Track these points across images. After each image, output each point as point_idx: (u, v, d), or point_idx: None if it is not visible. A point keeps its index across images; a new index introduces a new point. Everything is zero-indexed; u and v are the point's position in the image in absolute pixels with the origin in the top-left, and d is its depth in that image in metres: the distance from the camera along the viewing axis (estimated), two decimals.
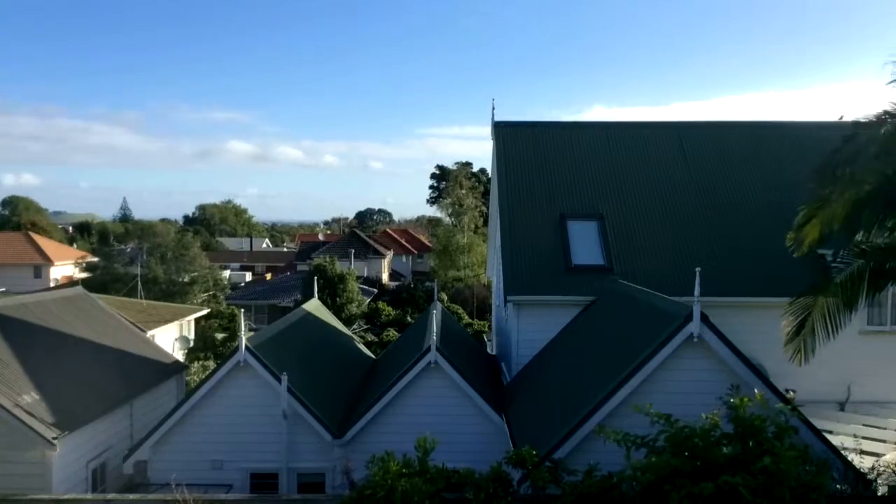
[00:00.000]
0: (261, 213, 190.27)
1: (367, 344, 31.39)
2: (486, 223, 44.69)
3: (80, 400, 15.97)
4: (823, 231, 11.03)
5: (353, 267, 52.48)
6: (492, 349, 25.52)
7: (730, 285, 17.03)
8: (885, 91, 10.71)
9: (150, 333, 25.14)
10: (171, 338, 29.10)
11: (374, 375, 19.72)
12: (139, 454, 15.40)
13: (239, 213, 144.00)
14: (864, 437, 14.27)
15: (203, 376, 19.37)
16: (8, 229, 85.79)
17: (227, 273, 68.38)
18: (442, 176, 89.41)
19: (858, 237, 11.16)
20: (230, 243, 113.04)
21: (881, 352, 17.37)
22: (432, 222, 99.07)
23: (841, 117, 11.47)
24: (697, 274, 11.93)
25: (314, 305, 23.71)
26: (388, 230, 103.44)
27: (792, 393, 10.11)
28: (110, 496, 12.08)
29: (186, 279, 47.01)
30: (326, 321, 23.57)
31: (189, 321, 32.60)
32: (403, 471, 9.36)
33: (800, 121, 22.91)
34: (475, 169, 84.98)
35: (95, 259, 51.97)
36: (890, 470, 10.99)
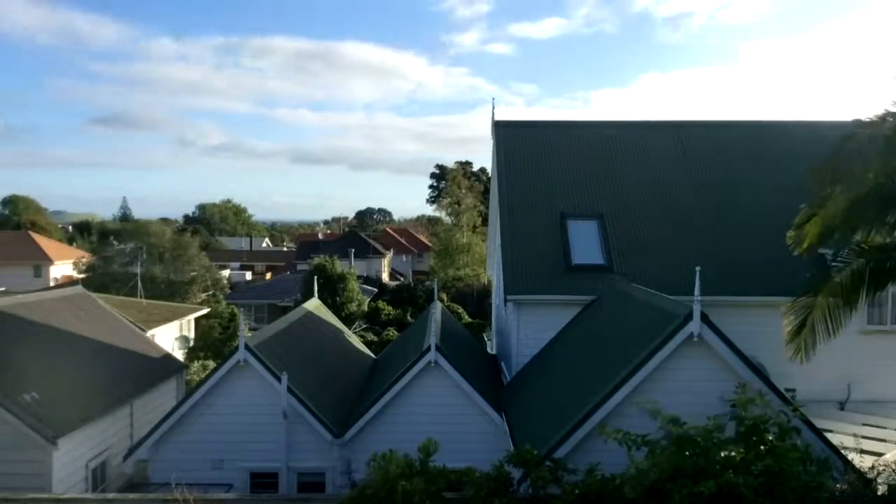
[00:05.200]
0: (261, 212, 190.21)
1: (367, 343, 31.36)
2: (485, 222, 44.66)
3: (80, 400, 15.96)
4: (824, 229, 11.03)
5: (352, 266, 52.49)
6: (492, 349, 25.50)
7: (730, 285, 17.02)
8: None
9: (149, 333, 25.15)
10: (170, 337, 29.10)
11: (375, 375, 19.72)
12: (139, 454, 15.40)
13: (239, 212, 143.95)
14: (864, 437, 14.26)
15: (203, 376, 19.37)
16: (8, 228, 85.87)
17: (226, 272, 68.46)
18: (441, 175, 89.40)
19: (857, 236, 11.16)
20: (230, 243, 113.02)
21: (881, 351, 17.36)
22: (432, 222, 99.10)
23: None
24: (697, 273, 11.92)
25: (314, 305, 23.71)
26: (388, 230, 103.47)
27: (794, 395, 10.10)
28: (110, 496, 12.06)
29: (186, 279, 47.04)
30: (326, 320, 23.57)
31: (189, 320, 32.62)
32: (405, 471, 9.36)
33: (800, 120, 22.89)
34: (475, 168, 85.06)
35: (95, 258, 51.99)
36: (890, 469, 10.98)
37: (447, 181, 79.42)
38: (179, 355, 28.34)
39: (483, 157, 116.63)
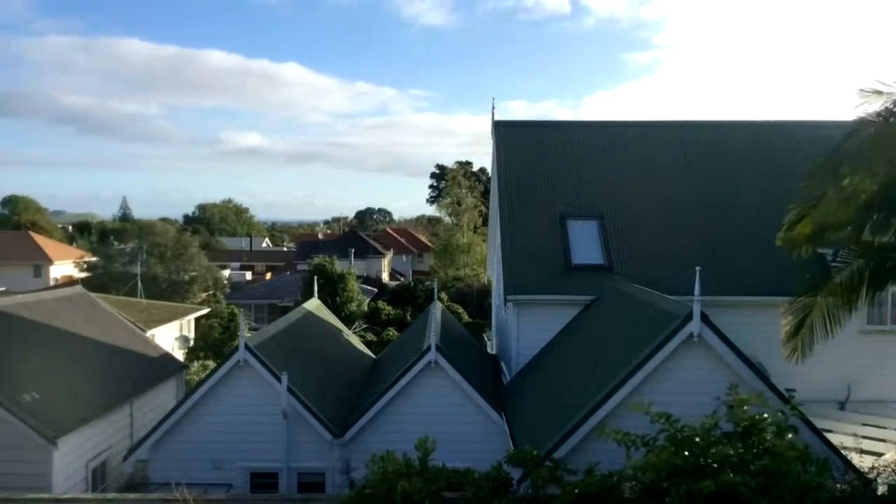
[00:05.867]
0: (261, 212, 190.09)
1: (367, 343, 31.37)
2: (485, 222, 44.67)
3: (80, 399, 15.97)
4: (816, 230, 11.01)
5: (352, 266, 52.46)
6: (492, 349, 25.51)
7: (730, 285, 17.00)
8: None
9: (149, 333, 25.17)
10: (170, 337, 29.13)
11: (374, 375, 19.73)
12: (139, 454, 15.42)
13: (239, 212, 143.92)
14: (863, 437, 14.25)
15: (203, 376, 19.36)
16: (8, 228, 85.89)
17: (226, 272, 68.45)
18: (441, 175, 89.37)
19: (864, 236, 11.15)
20: (230, 243, 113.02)
21: (881, 351, 17.36)
22: (432, 222, 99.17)
23: None
24: (697, 273, 11.93)
25: (314, 305, 23.71)
26: (388, 230, 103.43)
27: (794, 395, 10.10)
28: (110, 496, 12.08)
29: (186, 278, 47.08)
30: (326, 320, 23.57)
31: (189, 320, 32.65)
32: (404, 471, 9.36)
33: (800, 120, 22.87)
34: (475, 168, 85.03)
35: (95, 258, 52.01)
36: (890, 469, 10.98)
37: (447, 181, 79.38)
38: (179, 355, 28.35)
39: (482, 158, 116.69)
